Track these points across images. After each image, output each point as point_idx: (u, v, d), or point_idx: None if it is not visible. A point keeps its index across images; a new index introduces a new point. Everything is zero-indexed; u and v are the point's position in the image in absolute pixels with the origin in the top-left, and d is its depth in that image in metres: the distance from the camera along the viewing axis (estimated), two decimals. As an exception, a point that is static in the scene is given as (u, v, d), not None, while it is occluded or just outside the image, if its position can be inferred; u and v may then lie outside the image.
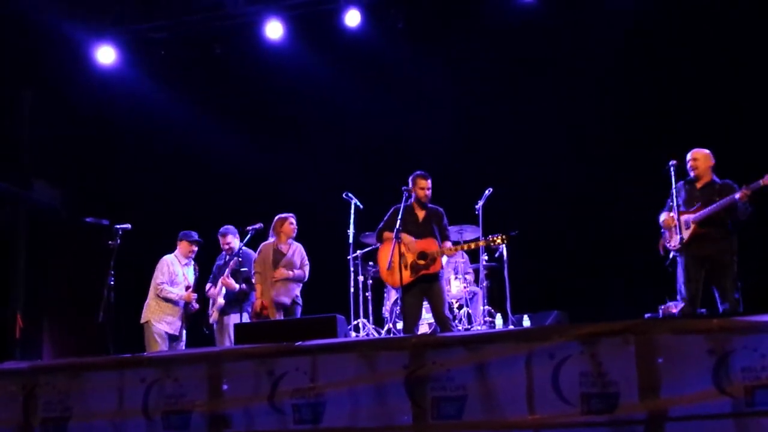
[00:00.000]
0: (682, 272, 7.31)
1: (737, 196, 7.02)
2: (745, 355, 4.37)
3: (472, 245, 8.00)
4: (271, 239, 8.54)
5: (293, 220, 8.56)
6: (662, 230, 7.51)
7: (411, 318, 7.56)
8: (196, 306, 9.00)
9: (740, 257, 7.19)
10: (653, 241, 8.02)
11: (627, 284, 9.66)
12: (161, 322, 8.68)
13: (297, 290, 8.43)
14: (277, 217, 8.58)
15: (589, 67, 10.25)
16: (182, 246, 9.01)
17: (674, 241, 7.31)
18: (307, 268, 8.50)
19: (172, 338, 8.74)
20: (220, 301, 8.88)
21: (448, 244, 7.68)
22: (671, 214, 7.36)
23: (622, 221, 9.94)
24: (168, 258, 8.94)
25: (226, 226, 9.05)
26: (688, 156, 7.53)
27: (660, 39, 10.21)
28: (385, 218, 7.87)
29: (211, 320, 9.04)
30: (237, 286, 8.61)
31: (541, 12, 10.43)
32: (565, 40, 10.47)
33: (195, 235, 9.02)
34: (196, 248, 9.02)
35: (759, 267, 7.38)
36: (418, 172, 7.82)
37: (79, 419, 5.56)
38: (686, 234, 7.22)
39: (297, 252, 8.50)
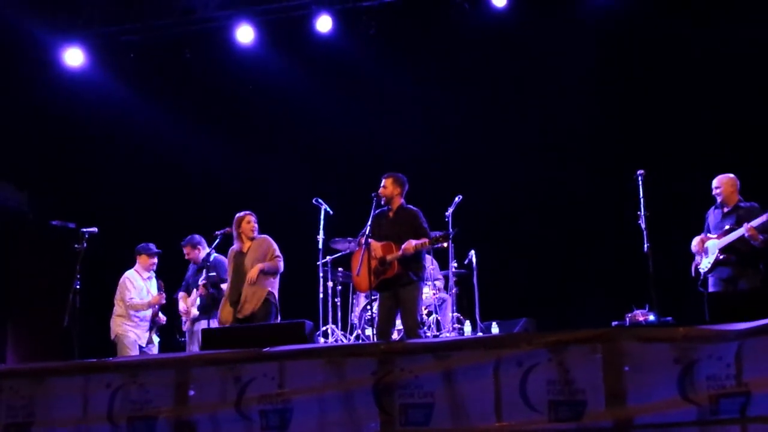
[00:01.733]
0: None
1: (745, 233, 7.22)
2: (710, 363, 4.38)
3: (419, 246, 7.31)
4: (235, 244, 8.18)
5: (251, 218, 8.10)
6: (695, 254, 7.72)
7: (381, 321, 7.43)
8: (163, 318, 8.93)
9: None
10: (621, 250, 8.04)
11: (595, 292, 9.72)
12: (129, 333, 8.61)
13: (271, 287, 7.95)
14: (235, 217, 8.15)
15: (559, 74, 10.33)
16: (142, 259, 8.87)
17: (703, 265, 7.58)
18: (280, 260, 7.98)
19: (142, 348, 8.66)
20: (194, 312, 8.81)
21: (412, 243, 7.17)
22: (701, 238, 7.64)
23: (591, 230, 10.02)
24: (129, 274, 8.82)
25: (190, 236, 9.01)
26: (713, 183, 7.67)
27: (632, 47, 10.31)
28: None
29: (184, 328, 8.97)
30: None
31: (512, 20, 10.49)
32: (536, 48, 10.54)
33: (153, 247, 8.89)
34: (156, 260, 8.90)
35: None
36: None
37: (42, 425, 5.46)
38: (712, 259, 7.50)
39: (261, 245, 8.02)
